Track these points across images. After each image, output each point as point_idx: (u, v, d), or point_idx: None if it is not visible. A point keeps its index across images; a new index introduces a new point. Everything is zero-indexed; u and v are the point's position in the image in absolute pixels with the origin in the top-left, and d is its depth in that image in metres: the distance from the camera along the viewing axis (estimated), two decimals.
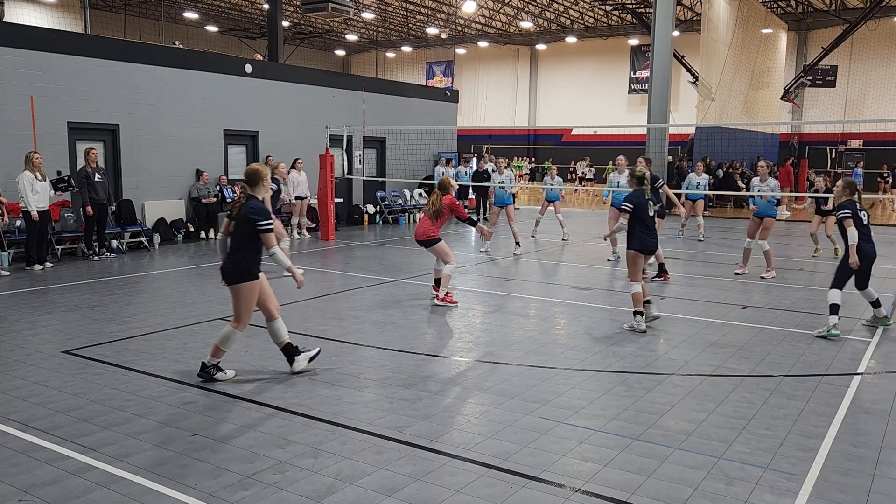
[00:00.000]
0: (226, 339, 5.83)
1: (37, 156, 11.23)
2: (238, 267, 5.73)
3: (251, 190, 5.80)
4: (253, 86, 16.60)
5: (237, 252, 5.73)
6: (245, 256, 5.73)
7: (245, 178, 5.87)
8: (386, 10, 38.26)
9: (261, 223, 5.65)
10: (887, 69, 33.39)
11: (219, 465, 4.32)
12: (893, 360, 6.80)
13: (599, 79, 41.45)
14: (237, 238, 5.73)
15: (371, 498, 3.93)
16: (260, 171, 5.84)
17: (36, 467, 4.27)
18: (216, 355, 5.87)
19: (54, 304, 8.76)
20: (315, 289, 10.03)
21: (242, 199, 5.77)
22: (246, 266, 5.74)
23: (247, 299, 5.79)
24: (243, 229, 5.69)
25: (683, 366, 6.46)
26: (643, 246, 7.86)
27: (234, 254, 5.75)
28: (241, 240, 5.71)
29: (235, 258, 5.73)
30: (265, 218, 5.69)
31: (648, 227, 7.89)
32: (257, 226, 5.65)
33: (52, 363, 6.33)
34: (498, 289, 10.22)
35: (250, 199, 5.75)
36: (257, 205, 5.72)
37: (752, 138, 29.27)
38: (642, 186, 7.96)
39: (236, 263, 5.73)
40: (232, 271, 5.74)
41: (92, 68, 13.53)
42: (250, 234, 5.68)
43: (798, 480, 4.20)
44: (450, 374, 6.22)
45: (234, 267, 5.73)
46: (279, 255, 5.73)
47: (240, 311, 5.82)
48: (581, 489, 4.06)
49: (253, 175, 5.82)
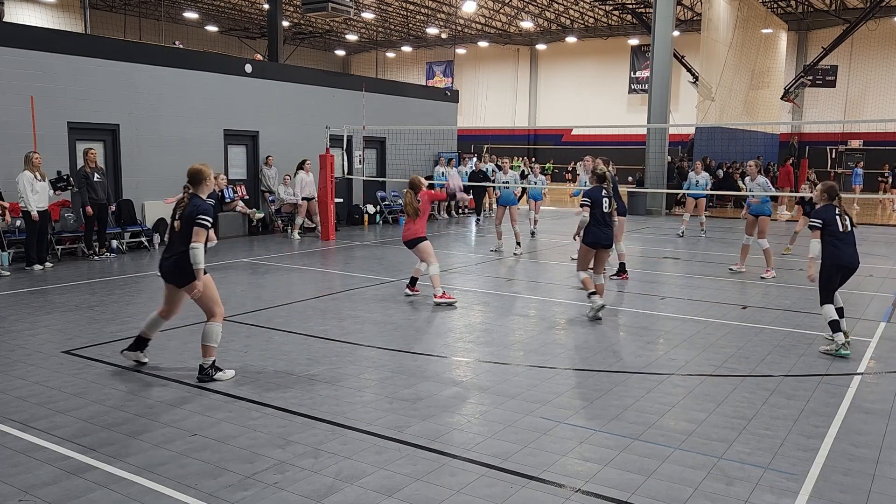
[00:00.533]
0: (210, 335, 5.87)
1: (36, 156, 11.23)
2: (186, 266, 5.74)
3: (194, 189, 5.88)
4: (253, 86, 16.60)
5: (180, 250, 5.75)
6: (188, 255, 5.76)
7: (188, 177, 5.91)
8: (386, 10, 38.28)
9: (199, 218, 5.70)
10: (887, 69, 33.40)
11: (219, 465, 4.32)
12: (893, 360, 6.80)
13: (599, 79, 41.47)
14: (184, 238, 5.74)
15: (371, 498, 3.93)
16: (203, 170, 5.93)
17: (36, 467, 4.27)
18: (209, 354, 5.91)
19: (54, 304, 8.76)
20: (315, 289, 10.03)
21: (186, 198, 5.83)
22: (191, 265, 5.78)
23: (209, 292, 5.84)
24: (189, 226, 5.73)
25: (683, 366, 6.46)
26: (596, 240, 8.25)
27: (177, 253, 5.77)
28: (188, 239, 5.72)
29: (179, 258, 5.76)
30: (206, 214, 5.76)
31: (602, 223, 8.26)
32: (196, 218, 5.69)
33: (53, 363, 6.33)
34: (498, 289, 10.22)
35: (194, 197, 5.85)
36: (200, 202, 5.83)
37: (752, 138, 29.27)
38: (601, 184, 8.38)
39: (179, 264, 5.77)
40: (176, 272, 5.80)
41: (92, 68, 13.53)
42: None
43: (798, 480, 4.20)
44: (450, 374, 6.22)
45: (176, 268, 5.79)
46: (197, 253, 5.70)
47: (207, 305, 5.87)
48: (581, 489, 4.06)
49: (196, 175, 5.90)
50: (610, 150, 37.42)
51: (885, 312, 8.74)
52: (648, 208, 22.32)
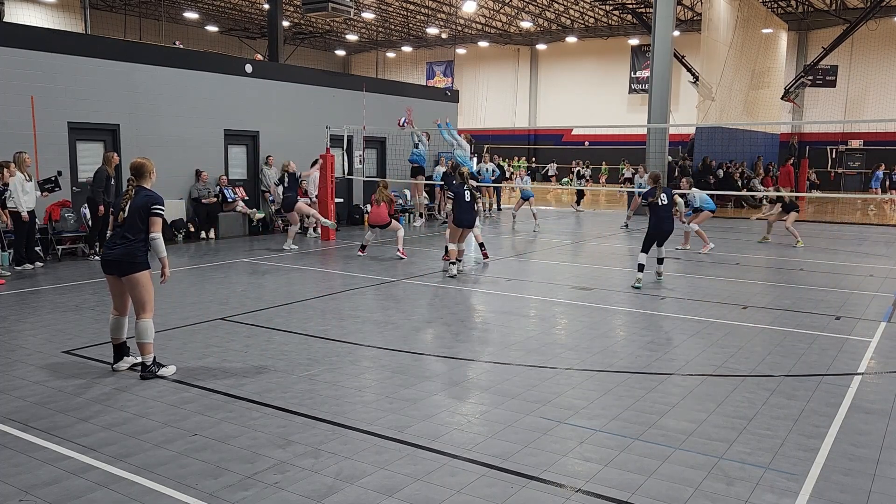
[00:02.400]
0: (146, 332, 5.89)
1: (26, 156, 11.23)
2: (135, 257, 5.84)
3: (139, 182, 6.01)
4: (253, 86, 16.60)
5: (129, 241, 5.83)
6: (140, 245, 5.88)
7: (133, 171, 6.04)
8: (386, 10, 38.28)
9: (155, 207, 5.88)
10: (888, 69, 33.39)
11: (219, 464, 4.32)
12: (894, 359, 6.80)
13: (600, 79, 41.46)
14: (130, 228, 5.85)
15: (371, 498, 3.93)
16: (146, 164, 6.07)
17: (36, 467, 4.27)
18: (148, 351, 5.92)
19: (55, 304, 8.76)
20: (315, 289, 10.03)
21: (132, 191, 5.94)
22: (142, 256, 5.89)
23: (147, 286, 5.93)
24: (139, 217, 5.85)
25: (684, 366, 6.46)
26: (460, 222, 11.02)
27: (125, 244, 5.84)
28: (135, 229, 5.84)
29: (130, 248, 5.83)
30: (161, 204, 5.94)
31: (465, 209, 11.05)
32: (152, 208, 5.85)
33: (53, 363, 6.33)
34: (498, 289, 10.22)
35: (141, 189, 5.97)
36: (152, 193, 5.99)
37: (752, 138, 29.27)
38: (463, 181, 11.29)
39: (131, 254, 5.82)
40: (128, 261, 5.82)
41: (92, 68, 13.53)
42: (144, 222, 5.87)
43: (799, 480, 4.20)
44: (450, 374, 6.22)
45: (129, 257, 5.82)
46: (159, 243, 5.90)
47: (144, 299, 5.91)
48: (581, 489, 4.06)
49: (140, 168, 6.04)
50: (610, 150, 37.58)
51: (885, 312, 8.74)
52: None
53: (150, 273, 5.97)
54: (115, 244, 5.89)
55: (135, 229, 5.85)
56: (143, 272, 5.88)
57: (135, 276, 5.85)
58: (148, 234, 5.88)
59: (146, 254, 5.94)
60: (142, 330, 5.89)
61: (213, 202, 15.17)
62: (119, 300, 6.07)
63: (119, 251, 5.84)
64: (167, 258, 6.02)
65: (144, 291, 5.89)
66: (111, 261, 5.89)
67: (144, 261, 5.91)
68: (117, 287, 6.01)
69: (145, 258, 5.92)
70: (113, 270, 5.91)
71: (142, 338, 5.90)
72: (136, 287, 5.88)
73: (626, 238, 16.43)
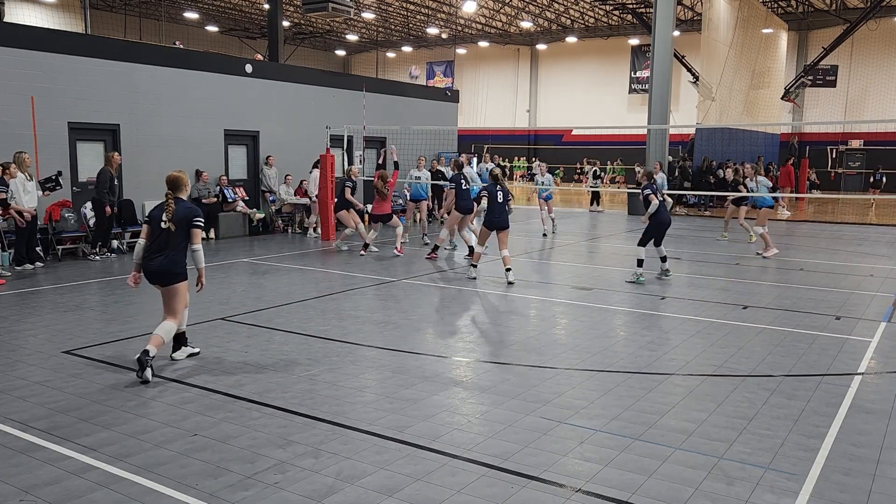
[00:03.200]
0: (165, 330, 6.10)
1: (25, 155, 11.23)
2: (178, 267, 6.14)
3: (176, 194, 6.23)
4: (253, 86, 16.60)
5: (172, 253, 6.10)
6: (181, 256, 6.16)
7: (168, 184, 6.25)
8: (386, 10, 38.28)
9: (196, 220, 6.17)
10: (888, 69, 33.38)
11: (219, 465, 4.32)
12: (894, 359, 6.80)
13: (600, 79, 41.43)
14: (173, 239, 6.10)
15: (372, 498, 3.93)
16: (181, 177, 6.29)
17: (37, 467, 4.27)
18: (157, 344, 6.01)
19: (55, 304, 8.76)
20: (316, 289, 10.03)
21: (172, 203, 6.15)
22: (182, 266, 6.19)
23: (184, 295, 6.28)
24: (181, 229, 6.11)
25: (684, 366, 6.46)
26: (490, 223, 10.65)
27: (169, 255, 6.09)
28: (178, 240, 6.12)
29: (173, 259, 6.11)
30: (201, 217, 6.25)
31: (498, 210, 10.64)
32: (194, 221, 6.14)
33: (53, 363, 6.33)
34: (498, 289, 10.21)
35: (180, 201, 6.22)
36: (191, 206, 6.27)
37: (752, 138, 29.27)
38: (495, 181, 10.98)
39: (176, 264, 6.13)
40: (172, 272, 6.13)
41: (92, 68, 13.53)
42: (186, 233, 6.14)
43: (799, 480, 4.20)
44: (450, 373, 6.22)
45: (174, 268, 6.12)
46: (200, 254, 6.24)
47: (177, 307, 6.22)
48: (582, 489, 4.06)
49: (176, 181, 6.26)
50: (610, 150, 37.56)
51: (885, 312, 8.74)
52: None
53: (188, 283, 6.29)
54: (157, 256, 6.11)
55: (177, 241, 6.12)
56: (183, 282, 6.21)
57: (175, 287, 6.17)
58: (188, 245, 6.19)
59: (185, 264, 6.22)
60: (164, 328, 6.12)
61: (213, 202, 15.17)
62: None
63: (162, 262, 6.10)
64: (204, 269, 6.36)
65: (180, 300, 6.24)
66: (154, 272, 6.14)
67: (184, 271, 6.22)
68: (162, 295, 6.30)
69: (185, 268, 6.22)
70: (157, 281, 6.19)
71: (160, 331, 6.08)
72: (175, 296, 6.19)
73: (628, 238, 16.42)
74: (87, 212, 12.79)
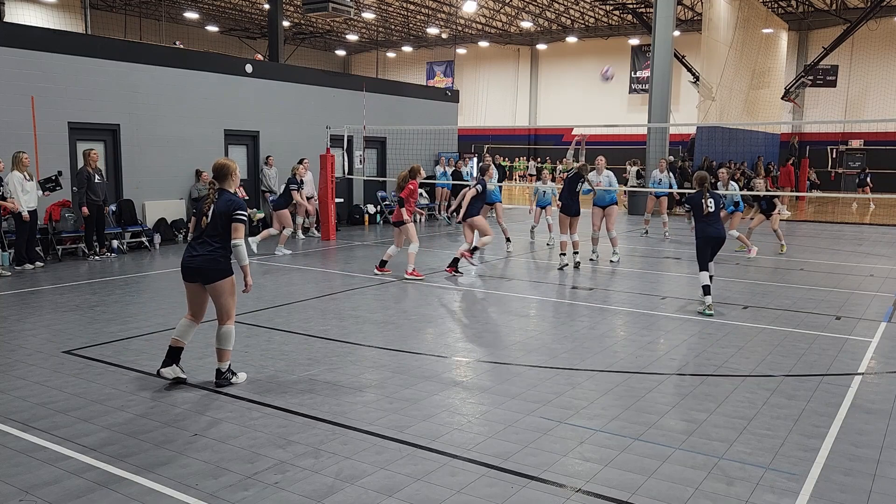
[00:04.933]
0: (226, 339, 5.76)
1: (24, 155, 11.22)
2: (218, 264, 5.62)
3: (221, 184, 5.74)
4: (253, 86, 16.60)
5: (212, 248, 5.60)
6: (222, 252, 5.64)
7: (214, 172, 5.79)
8: (386, 10, 38.27)
9: (237, 214, 5.59)
10: (888, 69, 33.38)
11: (219, 464, 4.32)
12: (894, 359, 6.79)
13: (600, 79, 41.41)
14: (212, 233, 5.60)
15: (372, 498, 3.93)
16: (228, 164, 5.79)
17: (36, 467, 4.27)
18: (225, 358, 5.78)
19: (55, 304, 8.76)
20: (316, 289, 10.03)
21: (214, 194, 5.69)
22: (224, 262, 5.65)
23: (232, 293, 5.72)
24: (221, 222, 5.60)
25: (684, 366, 6.46)
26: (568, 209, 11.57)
27: (208, 251, 5.60)
28: (218, 234, 5.61)
29: (213, 255, 5.59)
30: (243, 209, 5.67)
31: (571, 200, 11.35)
32: (234, 215, 5.57)
33: (53, 363, 6.33)
34: (498, 289, 10.22)
35: (223, 192, 5.71)
36: (233, 197, 5.69)
37: (752, 138, 29.26)
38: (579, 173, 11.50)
39: (215, 260, 5.60)
40: (212, 269, 5.60)
41: (92, 68, 13.53)
42: (226, 227, 5.60)
43: (799, 480, 4.20)
44: (450, 373, 6.22)
45: (213, 264, 5.60)
46: (241, 250, 5.64)
47: (227, 306, 5.72)
48: (582, 489, 4.06)
49: (222, 169, 5.77)
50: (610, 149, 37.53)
51: (885, 313, 8.74)
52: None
53: (234, 279, 5.73)
54: (197, 251, 5.63)
55: (217, 235, 5.60)
56: (227, 279, 5.66)
57: (220, 284, 5.62)
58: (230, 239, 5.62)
59: (229, 260, 5.69)
60: (224, 336, 5.72)
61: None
62: (197, 307, 5.81)
63: (201, 259, 5.59)
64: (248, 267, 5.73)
65: (229, 298, 5.69)
66: (194, 268, 5.63)
67: (227, 267, 5.67)
68: (198, 295, 5.76)
69: (228, 264, 5.68)
70: (196, 278, 5.67)
71: (222, 344, 5.73)
72: (222, 295, 5.66)
73: (634, 239, 16.42)
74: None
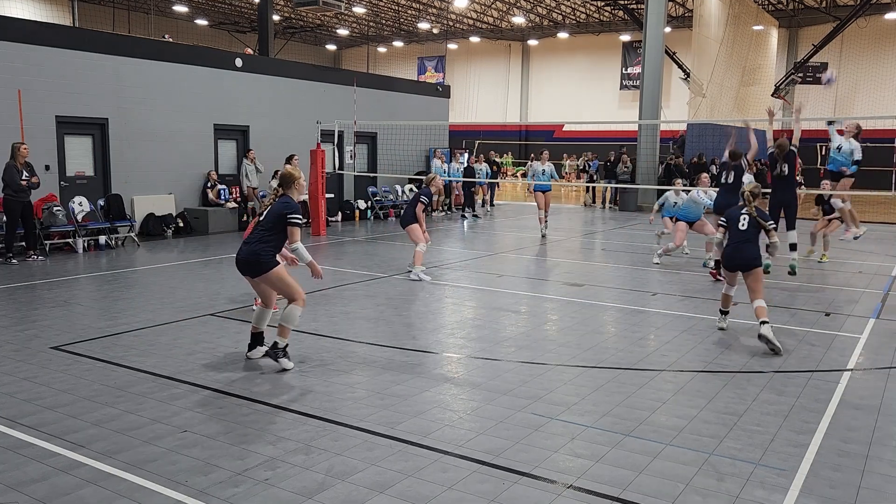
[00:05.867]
0: (290, 317, 6.03)
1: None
2: (258, 257, 5.98)
3: (285, 191, 6.18)
4: (243, 80, 16.52)
5: (257, 243, 6.00)
6: (265, 247, 6.00)
7: (280, 180, 6.24)
8: (377, 5, 38.14)
9: (292, 217, 5.99)
10: (877, 66, 33.56)
11: (209, 461, 4.29)
12: (882, 355, 6.84)
13: (591, 75, 41.48)
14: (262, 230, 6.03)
15: (362, 494, 3.92)
16: (294, 174, 6.21)
17: (24, 464, 4.23)
18: (285, 335, 6.05)
19: (43, 300, 8.69)
20: (306, 285, 9.96)
21: (275, 197, 6.17)
22: (266, 255, 6.00)
23: (284, 278, 6.04)
24: (273, 221, 6.02)
25: (674, 362, 6.47)
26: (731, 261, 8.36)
27: (252, 245, 6.01)
28: (267, 232, 6.02)
29: (255, 249, 5.98)
30: (297, 213, 6.04)
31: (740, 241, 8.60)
32: (288, 217, 5.98)
33: (41, 359, 6.28)
34: (489, 285, 10.21)
35: (284, 196, 6.15)
36: (290, 201, 6.11)
37: (742, 135, 29.31)
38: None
39: (256, 253, 5.97)
40: (254, 262, 5.99)
41: (80, 62, 13.42)
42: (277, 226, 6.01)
43: (788, 476, 4.21)
44: (441, 370, 6.21)
45: (254, 257, 5.98)
46: (302, 250, 6.06)
47: (287, 290, 6.07)
48: (573, 485, 4.06)
49: (287, 178, 6.20)
50: (601, 145, 37.60)
51: (874, 309, 8.79)
52: (640, 204, 22.38)
53: (282, 267, 6.07)
54: (244, 247, 6.09)
55: (266, 232, 6.02)
56: (272, 270, 5.98)
57: (267, 276, 6.00)
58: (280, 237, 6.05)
59: (272, 254, 6.02)
60: (288, 314, 6.04)
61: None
62: (262, 295, 6.34)
63: (245, 253, 6.03)
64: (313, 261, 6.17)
65: (284, 284, 6.04)
66: (240, 260, 6.09)
67: (270, 259, 5.99)
68: (256, 285, 6.25)
69: (270, 257, 5.99)
70: (244, 272, 6.12)
71: (284, 321, 6.04)
72: (274, 283, 6.05)
73: (620, 235, 16.45)
74: (73, 207, 12.70)
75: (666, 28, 22.80)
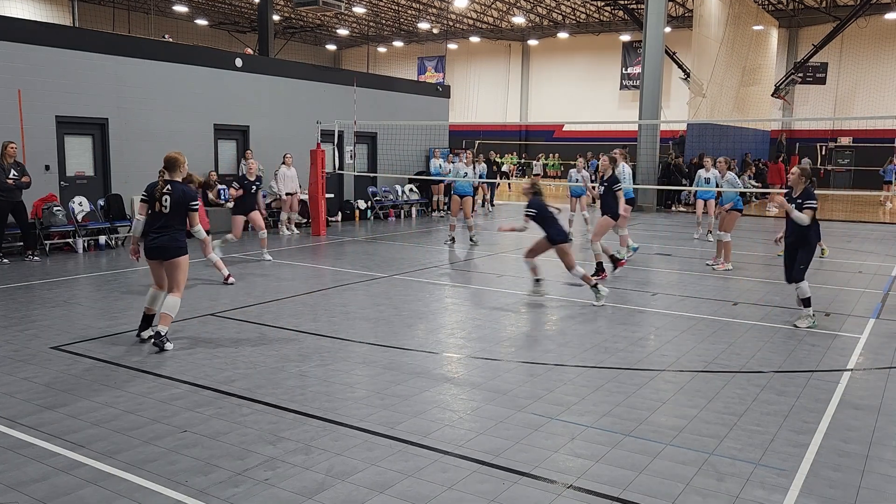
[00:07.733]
0: (173, 306, 6.65)
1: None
2: (178, 243, 6.70)
3: (171, 175, 6.71)
4: (243, 80, 16.50)
5: (172, 230, 6.67)
6: (181, 234, 6.75)
7: (165, 164, 6.74)
8: (377, 5, 38.14)
9: (192, 204, 6.73)
10: (877, 66, 33.58)
11: (209, 461, 4.30)
12: (882, 356, 6.84)
13: (591, 75, 41.49)
14: (173, 219, 6.67)
15: (362, 494, 3.92)
16: (178, 158, 6.79)
17: (24, 464, 4.23)
18: (166, 323, 6.59)
19: (43, 300, 8.69)
20: (306, 285, 9.99)
21: (163, 185, 6.64)
22: (182, 241, 6.76)
23: (185, 269, 6.80)
24: (179, 210, 6.67)
25: (674, 362, 6.47)
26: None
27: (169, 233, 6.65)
28: (177, 220, 6.71)
29: (174, 235, 6.68)
30: (195, 200, 6.79)
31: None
32: (189, 205, 6.70)
33: (41, 359, 6.28)
34: (489, 285, 10.21)
35: (174, 184, 6.69)
36: (185, 188, 6.75)
37: (742, 135, 29.39)
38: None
39: (175, 239, 6.69)
40: (174, 247, 6.68)
41: (80, 62, 13.41)
42: (183, 213, 6.71)
43: (788, 476, 4.21)
44: (441, 370, 6.21)
45: (174, 243, 6.69)
46: (201, 231, 7.16)
47: (180, 280, 6.74)
48: (573, 485, 4.06)
49: (171, 161, 6.75)
50: (601, 145, 37.62)
51: (874, 309, 8.79)
52: (639, 204, 22.38)
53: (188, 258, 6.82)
54: (159, 234, 6.64)
55: (177, 220, 6.69)
56: (184, 256, 6.75)
57: (177, 260, 6.69)
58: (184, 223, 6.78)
59: (185, 240, 6.80)
60: (171, 304, 6.66)
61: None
62: (159, 279, 6.87)
63: (164, 239, 6.64)
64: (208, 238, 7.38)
65: (182, 273, 6.75)
66: (157, 247, 6.66)
67: (185, 245, 6.79)
68: (158, 270, 6.81)
69: (185, 243, 6.80)
70: (157, 256, 6.70)
71: (168, 309, 6.63)
72: (177, 269, 6.71)
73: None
74: (73, 206, 12.70)
75: (666, 28, 22.80)
